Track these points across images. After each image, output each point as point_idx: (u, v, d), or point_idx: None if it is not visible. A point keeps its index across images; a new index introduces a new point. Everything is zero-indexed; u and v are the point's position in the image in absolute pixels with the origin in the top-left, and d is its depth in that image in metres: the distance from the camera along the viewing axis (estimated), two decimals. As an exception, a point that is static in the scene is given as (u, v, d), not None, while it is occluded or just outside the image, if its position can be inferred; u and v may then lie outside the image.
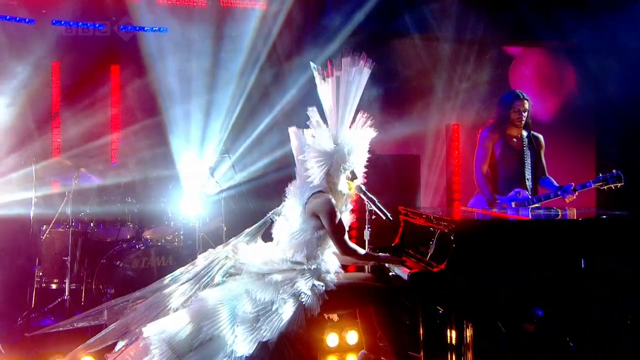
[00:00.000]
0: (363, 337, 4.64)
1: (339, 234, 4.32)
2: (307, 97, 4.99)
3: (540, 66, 8.90)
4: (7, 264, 6.68)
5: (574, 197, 5.74)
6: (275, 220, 4.51)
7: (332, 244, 4.38)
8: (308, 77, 4.76)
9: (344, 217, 4.44)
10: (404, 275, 4.28)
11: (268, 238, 4.56)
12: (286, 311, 4.04)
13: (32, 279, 6.55)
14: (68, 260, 6.51)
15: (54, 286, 6.72)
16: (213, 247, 4.67)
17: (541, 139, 6.16)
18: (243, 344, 3.95)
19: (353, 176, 4.42)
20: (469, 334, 4.20)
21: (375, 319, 4.44)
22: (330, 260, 4.43)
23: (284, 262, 4.29)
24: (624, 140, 8.32)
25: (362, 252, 4.50)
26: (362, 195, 4.54)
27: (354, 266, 5.13)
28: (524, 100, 5.96)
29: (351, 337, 5.51)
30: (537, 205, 5.79)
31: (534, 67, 8.91)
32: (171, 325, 4.05)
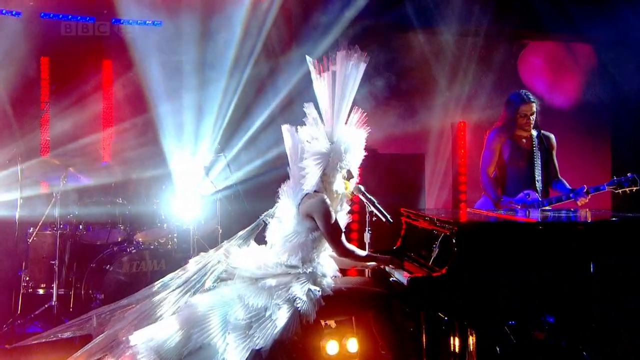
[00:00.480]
0: (360, 345, 4.61)
1: (335, 235, 4.29)
2: (306, 92, 4.96)
3: (551, 60, 8.85)
4: (-8, 268, 6.70)
5: (586, 200, 5.72)
6: (268, 222, 4.49)
7: (328, 246, 4.36)
8: (305, 71, 4.72)
9: (339, 218, 4.41)
10: (405, 280, 4.26)
11: (262, 241, 4.54)
12: (280, 317, 4.01)
13: (18, 283, 6.55)
14: (56, 264, 6.50)
15: (41, 291, 6.71)
16: (208, 250, 4.65)
17: (552, 138, 6.12)
18: (234, 352, 3.92)
19: (349, 175, 4.40)
20: (471, 342, 4.17)
21: (374, 326, 4.41)
22: (327, 264, 4.40)
23: (278, 266, 4.26)
24: (641, 139, 8.29)
25: (361, 253, 4.47)
26: (360, 196, 4.51)
27: (355, 270, 5.11)
28: (530, 104, 5.93)
29: (352, 344, 5.45)
30: (547, 207, 5.77)
31: (545, 61, 8.86)
32: (160, 333, 4.02)
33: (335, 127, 4.35)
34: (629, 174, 5.63)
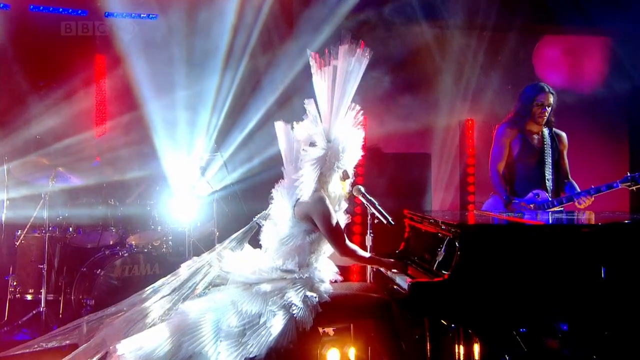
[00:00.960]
0: (357, 354, 4.58)
1: (337, 235, 4.26)
2: (304, 86, 4.93)
3: (565, 55, 8.80)
4: (-22, 273, 6.69)
5: (589, 201, 5.66)
6: (262, 225, 4.47)
7: (327, 249, 4.34)
8: (304, 64, 4.70)
9: (338, 218, 4.38)
10: (406, 285, 4.23)
11: (257, 244, 4.51)
12: (275, 325, 3.98)
13: (5, 289, 6.56)
14: (45, 269, 6.51)
15: (29, 297, 6.72)
16: (204, 253, 4.63)
17: (564, 137, 6.09)
18: (227, 361, 3.90)
19: (345, 176, 4.37)
20: (477, 351, 4.14)
21: (375, 334, 4.38)
22: (325, 268, 4.38)
23: (274, 270, 4.24)
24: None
25: (364, 254, 4.45)
26: (360, 197, 4.50)
27: (357, 273, 5.07)
28: (549, 94, 5.92)
29: (353, 353, 5.44)
30: (558, 208, 5.73)
31: (558, 55, 8.80)
32: (149, 341, 3.99)
33: (333, 125, 4.31)
34: None
